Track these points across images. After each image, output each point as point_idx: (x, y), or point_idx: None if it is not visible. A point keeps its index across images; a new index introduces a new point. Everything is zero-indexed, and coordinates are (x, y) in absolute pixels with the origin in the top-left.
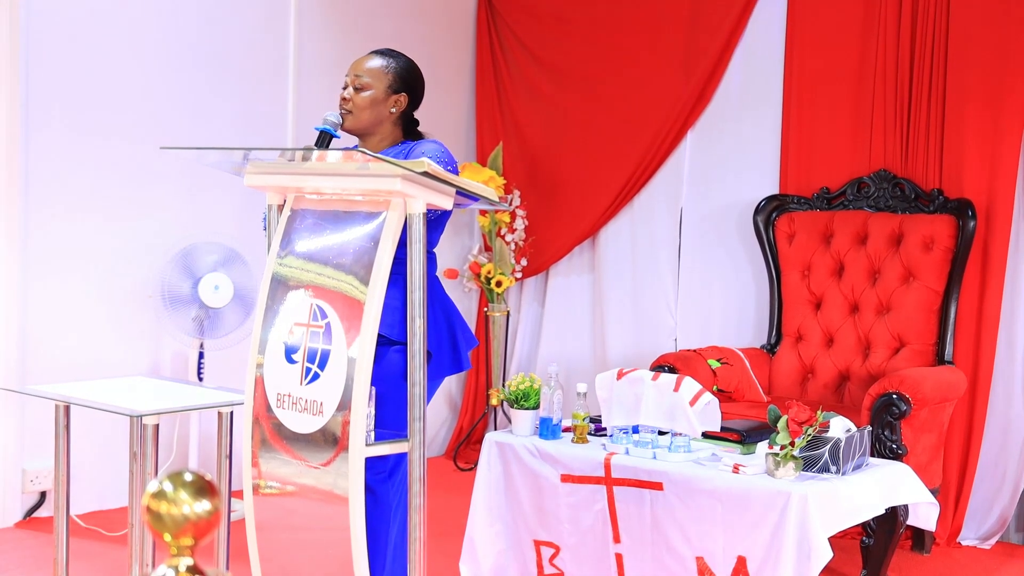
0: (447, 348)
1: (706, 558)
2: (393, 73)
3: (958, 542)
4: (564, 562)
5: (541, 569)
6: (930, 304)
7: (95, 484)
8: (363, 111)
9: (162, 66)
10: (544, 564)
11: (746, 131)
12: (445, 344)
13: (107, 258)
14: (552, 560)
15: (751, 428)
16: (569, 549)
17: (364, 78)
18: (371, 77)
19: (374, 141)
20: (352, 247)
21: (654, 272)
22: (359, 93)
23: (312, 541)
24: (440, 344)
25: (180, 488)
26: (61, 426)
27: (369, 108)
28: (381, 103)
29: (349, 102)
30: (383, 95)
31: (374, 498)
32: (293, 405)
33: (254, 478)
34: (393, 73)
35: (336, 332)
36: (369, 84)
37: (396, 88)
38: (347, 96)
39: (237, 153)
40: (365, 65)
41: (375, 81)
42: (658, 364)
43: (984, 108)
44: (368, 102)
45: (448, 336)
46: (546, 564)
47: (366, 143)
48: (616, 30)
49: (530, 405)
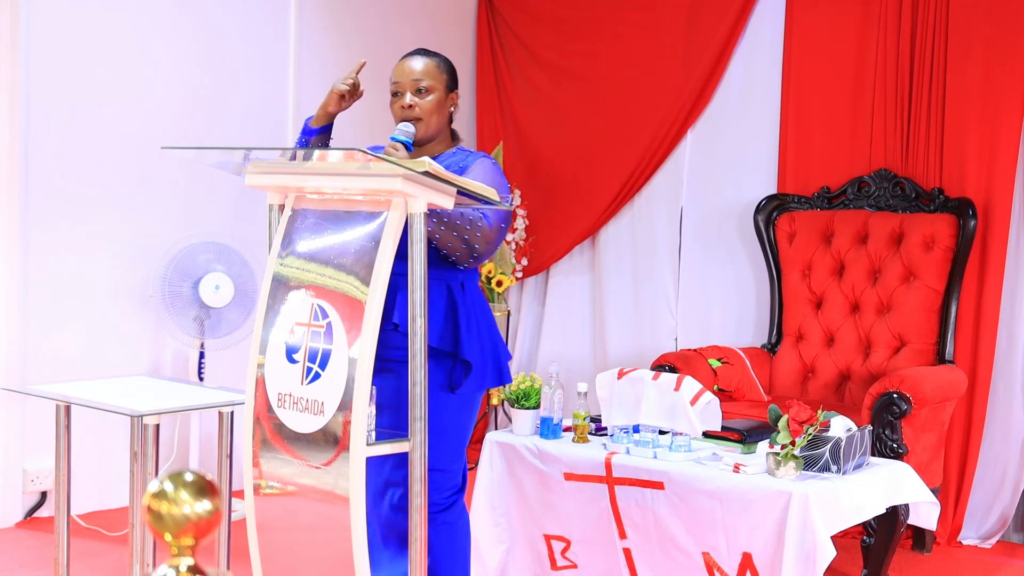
0: (490, 361)
1: (712, 554)
2: (447, 71)
3: (958, 541)
4: (576, 555)
5: (554, 562)
6: (930, 303)
7: (96, 484)
8: (431, 116)
9: (162, 66)
10: (556, 557)
11: (746, 131)
12: (488, 357)
13: (107, 258)
14: (564, 553)
15: (752, 428)
16: (579, 543)
17: (426, 80)
18: (432, 79)
19: (436, 146)
20: (353, 247)
21: (654, 272)
22: (424, 97)
23: (312, 541)
24: (484, 357)
25: (181, 488)
26: (62, 426)
27: (436, 112)
28: (444, 104)
29: (414, 109)
30: (444, 96)
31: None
32: (294, 405)
33: (255, 478)
34: (447, 71)
35: (337, 332)
36: (432, 86)
37: (451, 86)
38: (410, 103)
39: (238, 153)
40: (420, 67)
41: (436, 82)
42: (658, 364)
43: (984, 107)
44: (435, 105)
45: (491, 349)
46: (558, 557)
47: (429, 150)
48: (616, 30)
49: (531, 405)
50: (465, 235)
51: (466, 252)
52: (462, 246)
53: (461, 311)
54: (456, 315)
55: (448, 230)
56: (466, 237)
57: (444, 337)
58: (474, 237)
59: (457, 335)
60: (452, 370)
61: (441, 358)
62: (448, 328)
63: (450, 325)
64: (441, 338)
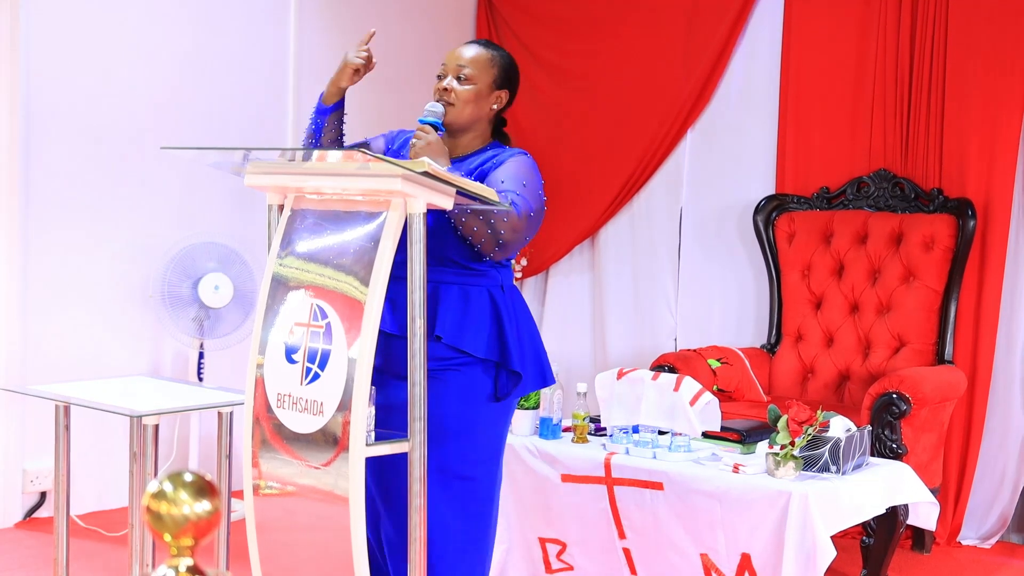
0: (534, 365)
1: (710, 555)
2: (499, 67)
3: (958, 542)
4: (572, 557)
5: (548, 565)
6: (930, 304)
7: (95, 484)
8: (466, 105)
9: (162, 66)
10: (551, 560)
11: (746, 131)
12: (532, 361)
13: (107, 258)
14: (560, 556)
15: (751, 428)
16: (576, 544)
17: (469, 69)
18: (476, 69)
19: (467, 138)
20: (352, 247)
21: (654, 272)
22: (463, 85)
23: (312, 541)
24: (530, 363)
25: (180, 488)
26: (61, 426)
27: (473, 103)
28: (484, 98)
29: (450, 93)
30: (487, 90)
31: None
32: (293, 405)
33: (254, 478)
34: (499, 67)
35: (336, 332)
36: (474, 76)
37: (500, 83)
38: (447, 87)
39: (237, 153)
40: (469, 55)
41: (481, 73)
42: (658, 364)
43: (984, 107)
44: (472, 95)
45: (533, 352)
46: (553, 560)
47: (458, 140)
48: (616, 30)
49: (530, 405)
50: (492, 219)
51: (491, 239)
52: (487, 231)
53: (506, 318)
54: (502, 322)
55: (474, 214)
56: (492, 222)
57: (491, 347)
58: (500, 223)
59: (504, 344)
60: (497, 378)
61: (489, 367)
62: (494, 337)
63: (495, 333)
64: (488, 348)
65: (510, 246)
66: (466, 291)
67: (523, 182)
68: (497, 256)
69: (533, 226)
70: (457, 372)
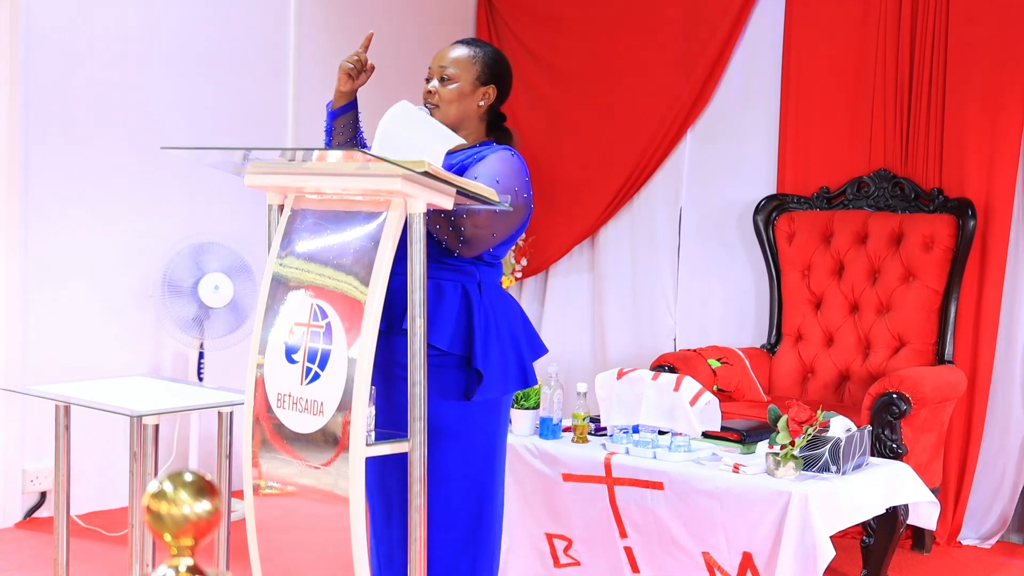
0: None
1: (712, 553)
2: (481, 63)
3: (958, 541)
4: (579, 552)
5: (557, 560)
6: (930, 304)
7: (95, 484)
8: (450, 105)
9: (162, 66)
10: (559, 555)
11: (745, 131)
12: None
13: (107, 258)
14: (567, 551)
15: (751, 428)
16: (581, 541)
17: (450, 69)
18: (457, 68)
19: (465, 138)
20: (352, 247)
21: (654, 272)
22: (445, 85)
23: (312, 541)
24: (504, 362)
25: (180, 488)
26: (61, 426)
27: (456, 101)
28: (468, 96)
29: (435, 95)
30: (470, 87)
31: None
32: (293, 405)
33: (254, 478)
34: (481, 63)
35: (336, 332)
36: (456, 76)
37: (484, 80)
38: (432, 89)
39: (237, 153)
40: (450, 55)
41: (462, 72)
42: (658, 364)
43: (984, 107)
44: (455, 95)
45: (514, 351)
46: (561, 555)
47: None
48: (615, 30)
49: (530, 405)
50: (451, 215)
51: (453, 235)
52: (448, 227)
53: (477, 314)
54: (471, 319)
55: (435, 211)
56: (452, 218)
57: (455, 341)
58: (460, 219)
59: (471, 341)
60: (469, 376)
61: (463, 366)
62: (459, 332)
63: (462, 329)
64: (452, 342)
65: (474, 242)
66: (439, 284)
67: (496, 179)
68: (465, 252)
69: (503, 223)
70: (432, 371)
